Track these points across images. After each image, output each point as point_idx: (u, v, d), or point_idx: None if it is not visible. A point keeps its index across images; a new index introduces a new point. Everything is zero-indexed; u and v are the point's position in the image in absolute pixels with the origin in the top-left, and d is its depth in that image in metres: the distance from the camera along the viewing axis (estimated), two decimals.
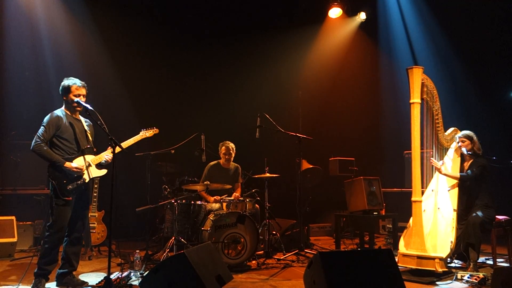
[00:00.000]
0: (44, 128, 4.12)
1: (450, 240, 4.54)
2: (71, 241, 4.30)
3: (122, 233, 6.55)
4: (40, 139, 4.07)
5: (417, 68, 4.72)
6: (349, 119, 8.37)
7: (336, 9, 8.09)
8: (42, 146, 4.07)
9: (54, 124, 4.16)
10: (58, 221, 4.11)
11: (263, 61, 8.02)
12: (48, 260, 4.11)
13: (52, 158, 4.08)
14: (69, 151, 4.22)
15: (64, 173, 4.11)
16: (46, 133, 4.11)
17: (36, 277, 4.08)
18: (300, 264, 5.24)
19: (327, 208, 7.75)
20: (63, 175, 4.11)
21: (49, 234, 4.11)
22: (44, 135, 4.10)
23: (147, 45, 7.47)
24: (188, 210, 5.40)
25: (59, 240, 4.17)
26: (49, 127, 4.14)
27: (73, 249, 4.31)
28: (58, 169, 4.09)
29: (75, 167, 4.13)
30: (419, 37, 7.90)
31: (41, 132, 4.11)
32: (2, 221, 5.73)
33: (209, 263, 3.75)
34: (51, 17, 6.82)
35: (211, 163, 6.09)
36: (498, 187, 5.15)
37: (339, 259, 3.44)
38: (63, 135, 4.20)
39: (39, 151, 4.06)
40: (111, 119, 4.54)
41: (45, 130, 4.11)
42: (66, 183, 4.11)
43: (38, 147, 4.06)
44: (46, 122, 4.16)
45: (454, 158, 5.11)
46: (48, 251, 4.10)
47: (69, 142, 4.23)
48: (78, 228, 4.33)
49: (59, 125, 4.18)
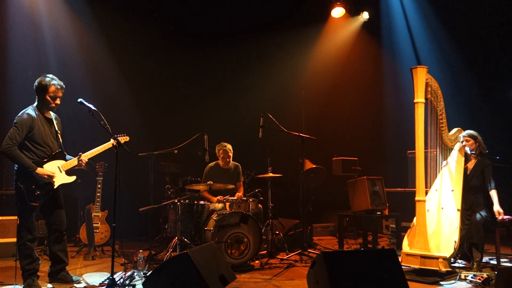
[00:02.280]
0: (17, 129, 3.92)
1: (454, 240, 4.53)
2: (54, 239, 4.27)
3: (126, 233, 6.54)
4: (12, 141, 3.87)
5: (421, 68, 4.70)
6: (352, 119, 8.37)
7: (339, 8, 8.09)
8: (14, 149, 3.87)
9: (27, 125, 3.96)
10: (25, 224, 4.03)
11: (266, 61, 8.03)
12: (29, 260, 4.07)
13: (24, 163, 3.89)
14: (40, 155, 4.07)
15: (33, 178, 3.95)
16: (19, 135, 3.91)
17: (27, 278, 4.05)
18: (303, 264, 5.24)
19: (330, 208, 7.73)
20: (32, 181, 3.95)
21: (20, 238, 4.04)
22: (17, 137, 3.90)
23: (150, 45, 7.48)
24: (191, 210, 5.40)
25: (31, 241, 4.08)
26: (22, 128, 3.93)
27: (58, 247, 4.27)
28: (28, 174, 3.92)
29: (47, 174, 3.99)
30: (422, 37, 7.88)
31: (13, 133, 3.90)
32: (5, 221, 5.75)
33: (212, 263, 3.75)
34: (54, 16, 6.84)
35: (210, 165, 6.06)
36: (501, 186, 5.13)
37: (342, 259, 3.43)
38: (34, 137, 4.02)
39: (10, 154, 3.87)
40: (113, 120, 4.54)
41: (17, 132, 3.91)
42: (35, 188, 3.97)
43: (9, 151, 3.86)
44: (19, 122, 3.95)
45: (458, 158, 5.09)
46: (26, 253, 4.05)
47: (40, 146, 4.07)
48: (57, 227, 4.27)
49: (32, 127, 3.99)
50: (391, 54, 8.28)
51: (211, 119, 7.50)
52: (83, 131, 6.05)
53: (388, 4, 8.27)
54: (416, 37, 7.97)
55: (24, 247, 4.06)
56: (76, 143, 5.45)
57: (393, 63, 8.21)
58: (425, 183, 4.71)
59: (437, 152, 5.00)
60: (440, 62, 7.51)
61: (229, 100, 7.81)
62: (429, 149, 4.94)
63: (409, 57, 7.92)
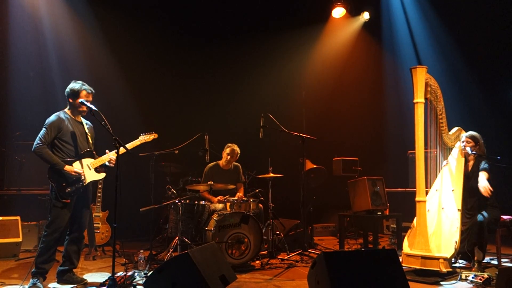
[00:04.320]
0: (46, 130, 4.16)
1: (455, 240, 4.52)
2: (72, 240, 4.34)
3: (126, 233, 6.55)
4: (42, 141, 4.11)
5: (421, 68, 4.70)
6: (353, 119, 8.36)
7: (339, 8, 8.10)
8: (43, 148, 4.11)
9: (56, 126, 4.20)
10: (55, 222, 4.15)
11: (267, 61, 8.03)
12: (44, 259, 4.15)
13: (52, 160, 4.12)
14: (70, 154, 4.26)
15: (63, 176, 4.15)
16: (48, 135, 4.15)
17: (34, 275, 4.12)
18: (304, 264, 5.24)
19: (331, 208, 7.74)
20: (62, 178, 4.15)
21: (46, 234, 4.15)
22: (46, 137, 4.14)
23: (151, 45, 7.48)
24: (192, 210, 5.40)
25: (56, 240, 4.18)
26: (51, 129, 4.17)
27: (74, 248, 4.35)
28: (57, 172, 4.14)
29: (74, 171, 4.17)
30: (423, 37, 7.88)
31: (43, 134, 4.14)
32: (7, 221, 5.76)
33: (213, 263, 3.75)
34: (55, 17, 6.85)
35: (209, 165, 6.06)
36: (502, 187, 5.13)
37: (343, 259, 3.43)
38: (64, 138, 4.23)
39: (40, 153, 4.10)
40: (115, 120, 4.55)
41: (47, 132, 4.15)
42: (65, 186, 4.15)
43: (39, 149, 4.09)
44: (48, 124, 4.20)
45: (458, 158, 5.08)
46: (44, 251, 4.14)
47: (69, 145, 4.26)
48: (78, 227, 4.37)
49: (61, 128, 4.22)
50: (391, 54, 8.27)
51: (212, 119, 7.50)
52: None
53: (388, 4, 8.27)
54: (416, 37, 7.96)
55: (46, 245, 4.14)
56: None
57: (394, 63, 8.21)
58: (426, 183, 4.71)
59: (437, 152, 5.00)
60: (440, 61, 7.51)
61: (230, 100, 7.81)
62: (429, 149, 4.93)
63: (409, 57, 7.92)
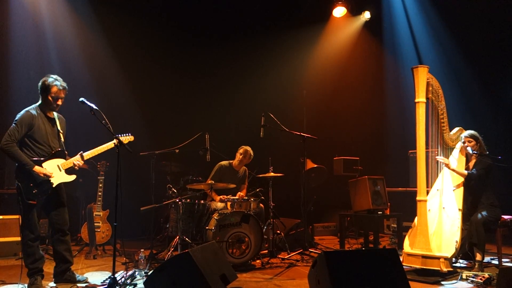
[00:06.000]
0: (16, 126, 3.98)
1: (455, 239, 4.52)
2: (58, 239, 4.28)
3: (127, 232, 6.54)
4: (11, 138, 3.93)
5: (422, 67, 4.70)
6: (354, 119, 8.36)
7: (340, 8, 8.11)
8: (13, 146, 3.92)
9: (27, 123, 4.01)
10: (26, 222, 4.03)
11: (268, 61, 8.02)
12: (32, 260, 4.08)
13: (21, 160, 3.94)
14: (40, 153, 4.10)
15: (31, 176, 3.96)
16: (18, 132, 3.96)
17: (30, 276, 4.08)
18: (304, 264, 5.24)
19: (332, 207, 7.74)
20: (30, 178, 3.97)
21: (23, 236, 4.06)
22: (16, 134, 3.95)
23: (152, 44, 7.48)
24: (192, 209, 5.40)
25: (34, 239, 4.09)
26: (22, 126, 3.98)
27: (63, 246, 4.28)
28: (25, 171, 3.95)
29: (43, 173, 4.00)
30: (424, 36, 7.88)
31: (13, 130, 3.96)
32: (8, 220, 5.76)
33: (214, 262, 3.75)
34: (56, 17, 6.85)
35: (222, 163, 6.12)
36: (503, 186, 5.13)
37: (343, 259, 3.43)
38: (34, 135, 4.06)
39: (8, 151, 3.91)
40: (115, 119, 4.54)
41: (16, 129, 3.96)
42: (32, 186, 3.97)
43: (7, 147, 3.91)
44: (18, 120, 4.01)
45: (459, 157, 5.08)
46: (29, 252, 4.06)
47: (40, 144, 4.10)
48: (60, 226, 4.27)
49: (32, 124, 4.04)
50: (392, 54, 8.27)
51: (213, 118, 7.50)
52: (86, 131, 6.05)
53: (389, 4, 8.26)
54: (417, 37, 7.96)
55: (27, 246, 4.07)
56: (78, 142, 5.45)
57: (395, 62, 8.21)
58: (427, 183, 4.71)
59: (438, 151, 5.00)
60: (442, 61, 7.50)
61: (231, 99, 7.82)
62: (431, 148, 4.93)
63: (410, 56, 7.92)
